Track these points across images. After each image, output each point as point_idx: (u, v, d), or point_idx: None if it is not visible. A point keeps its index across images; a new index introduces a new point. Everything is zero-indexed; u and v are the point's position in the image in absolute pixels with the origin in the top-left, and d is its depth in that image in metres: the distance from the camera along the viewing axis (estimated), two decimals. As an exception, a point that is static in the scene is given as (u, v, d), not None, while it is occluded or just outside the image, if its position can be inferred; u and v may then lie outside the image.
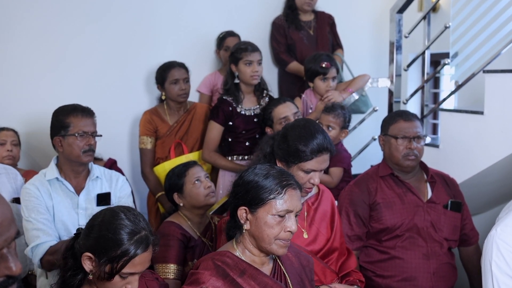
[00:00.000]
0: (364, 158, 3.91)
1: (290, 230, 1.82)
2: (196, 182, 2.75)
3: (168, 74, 3.53)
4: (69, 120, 2.53)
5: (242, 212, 1.85)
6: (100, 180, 2.65)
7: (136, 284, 1.76)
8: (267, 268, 1.90)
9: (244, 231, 1.86)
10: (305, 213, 2.31)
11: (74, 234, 1.87)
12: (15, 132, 3.34)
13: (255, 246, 1.86)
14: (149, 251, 1.78)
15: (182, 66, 3.59)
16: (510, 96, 2.98)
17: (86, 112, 2.59)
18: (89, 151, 2.55)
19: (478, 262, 2.78)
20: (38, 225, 2.43)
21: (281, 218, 1.81)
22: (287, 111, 3.18)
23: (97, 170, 2.68)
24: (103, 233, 1.75)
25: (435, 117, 4.72)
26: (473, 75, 3.22)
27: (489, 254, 1.88)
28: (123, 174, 3.62)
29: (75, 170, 2.59)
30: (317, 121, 3.20)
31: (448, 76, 4.71)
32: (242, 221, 1.85)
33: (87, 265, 1.77)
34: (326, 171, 3.20)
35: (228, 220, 1.97)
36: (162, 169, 3.43)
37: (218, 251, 1.93)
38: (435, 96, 4.94)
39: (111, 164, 3.58)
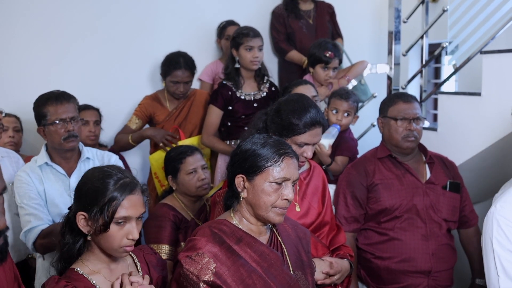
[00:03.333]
0: (363, 144, 3.91)
1: (287, 198, 1.84)
2: (191, 172, 2.78)
3: (171, 72, 3.51)
4: (46, 110, 2.50)
5: (239, 180, 1.87)
6: (92, 161, 2.64)
7: (135, 232, 1.77)
8: (263, 238, 1.91)
9: (241, 199, 1.88)
10: (297, 187, 2.33)
11: (68, 208, 1.89)
12: (17, 118, 3.35)
13: (252, 214, 1.88)
14: (137, 194, 1.80)
15: (188, 67, 3.52)
16: (507, 76, 2.98)
17: (62, 98, 2.52)
18: (70, 137, 2.51)
19: (478, 244, 2.79)
20: (30, 210, 2.45)
21: (278, 186, 1.83)
22: (306, 92, 3.13)
23: (88, 151, 2.66)
24: (90, 186, 1.78)
25: (436, 107, 4.72)
26: (469, 59, 3.23)
27: (490, 231, 1.86)
28: (125, 161, 3.67)
29: (63, 156, 2.58)
30: (325, 107, 3.23)
31: (448, 66, 4.70)
32: (239, 189, 1.87)
33: (83, 225, 1.78)
34: (332, 158, 3.21)
35: (226, 190, 1.99)
36: (159, 156, 3.42)
37: (215, 220, 1.95)
38: (436, 86, 4.93)
39: (114, 152, 3.59)
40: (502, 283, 1.81)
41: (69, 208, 1.88)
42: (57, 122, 2.49)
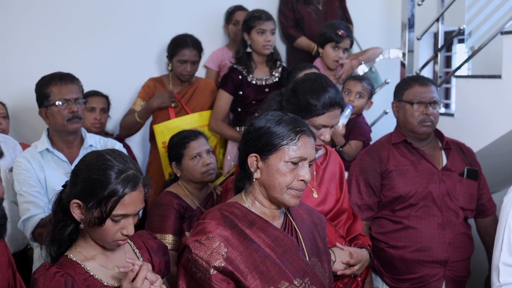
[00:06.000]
0: (376, 132, 3.80)
1: (304, 179, 1.73)
2: (196, 157, 2.69)
3: (178, 51, 3.44)
4: (49, 90, 2.44)
5: (252, 159, 1.77)
6: (95, 148, 2.55)
7: (131, 228, 1.67)
8: (277, 222, 1.81)
9: (254, 180, 1.77)
10: (314, 173, 2.24)
11: (62, 186, 1.78)
12: (3, 105, 3.26)
13: (265, 196, 1.78)
14: (139, 190, 1.68)
15: (195, 46, 3.47)
16: (530, 57, 2.90)
17: (66, 79, 2.47)
18: (74, 118, 2.45)
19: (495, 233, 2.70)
20: (29, 198, 2.37)
21: (294, 166, 1.73)
22: None
23: (91, 139, 2.59)
24: (89, 175, 1.65)
25: (447, 96, 4.62)
26: (488, 40, 3.12)
27: (510, 204, 1.83)
28: (130, 150, 3.58)
29: (65, 140, 2.51)
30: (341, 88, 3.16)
31: (462, 54, 4.59)
32: (252, 169, 1.77)
33: (77, 214, 1.68)
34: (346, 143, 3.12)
35: (238, 172, 1.88)
36: (175, 125, 3.33)
37: (226, 202, 1.84)
38: (453, 70, 4.82)
39: (120, 140, 3.52)
40: (503, 256, 1.79)
41: (64, 185, 1.76)
42: (61, 102, 2.43)
